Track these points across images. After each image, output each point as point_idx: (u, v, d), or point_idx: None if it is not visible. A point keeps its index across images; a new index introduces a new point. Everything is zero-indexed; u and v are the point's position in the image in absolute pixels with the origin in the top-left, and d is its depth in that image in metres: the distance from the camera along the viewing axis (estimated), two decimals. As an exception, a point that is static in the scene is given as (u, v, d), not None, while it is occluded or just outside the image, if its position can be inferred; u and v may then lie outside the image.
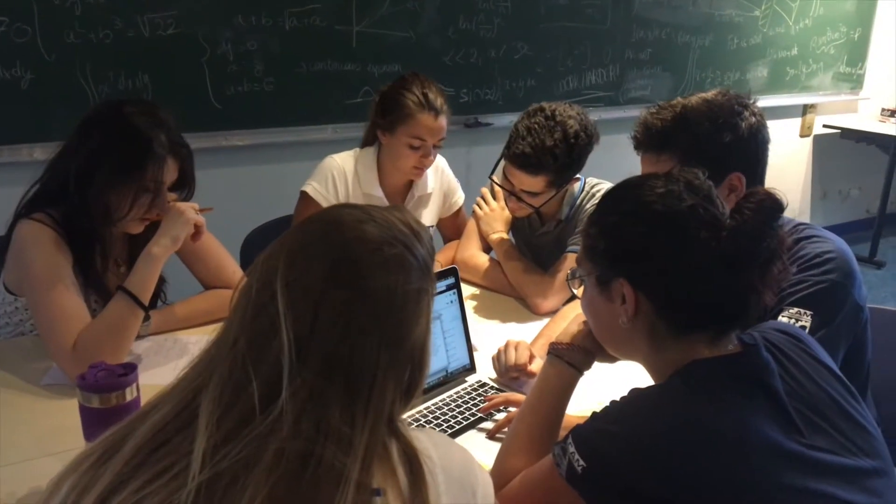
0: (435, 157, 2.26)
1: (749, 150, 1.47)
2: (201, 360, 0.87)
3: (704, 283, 1.02)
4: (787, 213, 1.08)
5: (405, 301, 0.85)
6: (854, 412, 1.07)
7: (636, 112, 4.28)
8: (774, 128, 5.62)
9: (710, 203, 1.05)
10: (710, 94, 1.50)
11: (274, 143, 3.11)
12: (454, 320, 1.69)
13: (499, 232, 2.24)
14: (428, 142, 2.17)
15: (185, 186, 1.76)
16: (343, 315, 0.81)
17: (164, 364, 1.63)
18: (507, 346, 1.69)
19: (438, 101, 2.15)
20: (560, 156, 1.94)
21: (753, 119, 1.47)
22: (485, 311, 2.09)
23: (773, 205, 1.03)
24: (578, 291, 1.18)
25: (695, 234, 1.02)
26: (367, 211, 0.89)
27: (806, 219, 5.36)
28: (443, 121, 2.17)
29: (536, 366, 1.63)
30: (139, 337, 1.74)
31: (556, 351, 1.25)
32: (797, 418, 1.02)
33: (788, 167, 5.18)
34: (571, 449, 1.01)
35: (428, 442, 0.88)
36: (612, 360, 1.26)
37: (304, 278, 0.82)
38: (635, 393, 1.04)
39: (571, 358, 1.24)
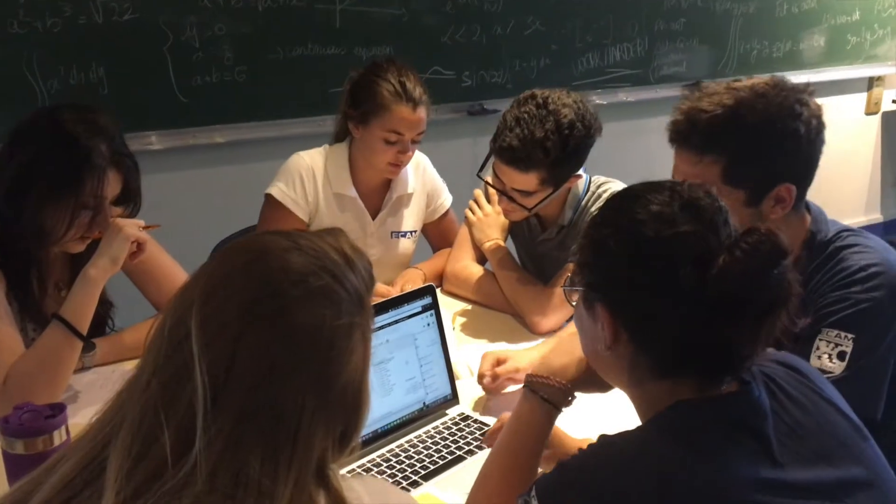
0: (413, 153, 2.29)
1: (805, 158, 1.46)
2: (112, 405, 0.90)
3: (686, 327, 1.03)
4: (849, 207, 1.07)
5: (334, 338, 0.87)
6: (860, 453, 1.08)
7: (669, 93, 4.26)
8: (835, 105, 5.57)
9: (713, 231, 1.03)
10: (760, 84, 1.46)
11: (247, 139, 3.16)
12: (432, 345, 1.72)
13: (493, 239, 2.27)
14: (405, 136, 2.20)
15: (129, 201, 1.81)
16: (264, 356, 0.84)
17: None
18: (482, 357, 1.75)
19: (417, 91, 2.18)
20: (552, 149, 1.96)
21: (814, 121, 1.45)
22: (476, 329, 2.12)
23: (773, 249, 1.01)
24: (573, 299, 1.20)
25: (677, 269, 1.01)
26: (295, 238, 0.92)
27: (875, 212, 5.31)
28: (422, 112, 2.20)
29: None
30: (83, 369, 1.80)
31: (532, 385, 1.27)
32: (783, 458, 1.03)
33: (852, 151, 5.13)
34: (534, 503, 1.03)
35: (362, 491, 0.91)
36: (604, 389, 1.28)
37: (221, 314, 0.84)
38: (605, 441, 1.05)
39: (548, 394, 1.26)
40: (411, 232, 2.47)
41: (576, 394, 1.30)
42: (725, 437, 1.02)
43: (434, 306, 1.74)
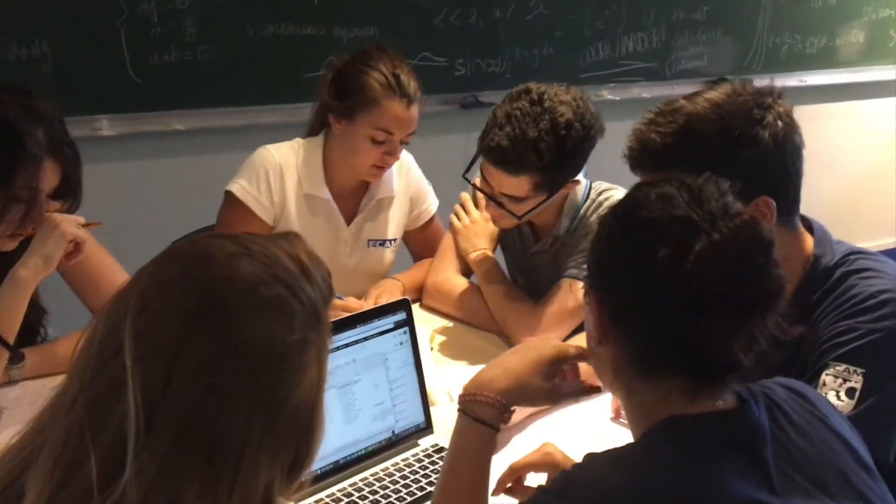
0: (399, 155, 2.30)
1: (776, 167, 1.48)
2: (33, 426, 0.91)
3: (664, 317, 1.07)
4: (881, 226, 1.10)
5: (285, 355, 0.88)
6: (865, 489, 1.11)
7: (688, 89, 4.18)
8: (871, 109, 5.56)
9: (706, 218, 1.07)
10: (719, 94, 1.50)
11: (209, 128, 3.17)
12: (404, 366, 1.73)
13: (480, 249, 2.28)
14: (395, 136, 2.21)
15: (68, 194, 1.81)
16: (205, 373, 0.84)
17: (37, 417, 1.68)
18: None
19: (412, 86, 2.19)
20: (545, 151, 1.97)
21: (779, 123, 1.48)
22: (457, 350, 2.13)
23: (753, 237, 1.05)
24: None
25: (656, 251, 1.05)
26: (245, 242, 0.92)
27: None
28: (415, 110, 2.21)
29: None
30: (9, 382, 1.80)
31: (463, 405, 1.32)
32: (781, 487, 1.05)
33: (883, 162, 5.15)
34: None
35: None
36: (540, 401, 1.37)
37: (158, 327, 0.85)
38: (592, 460, 1.09)
39: (479, 412, 1.30)
40: (391, 240, 2.48)
41: (516, 408, 1.34)
42: (720, 455, 1.05)
43: (408, 322, 1.74)
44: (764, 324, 1.06)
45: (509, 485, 1.43)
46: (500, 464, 1.59)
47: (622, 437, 1.15)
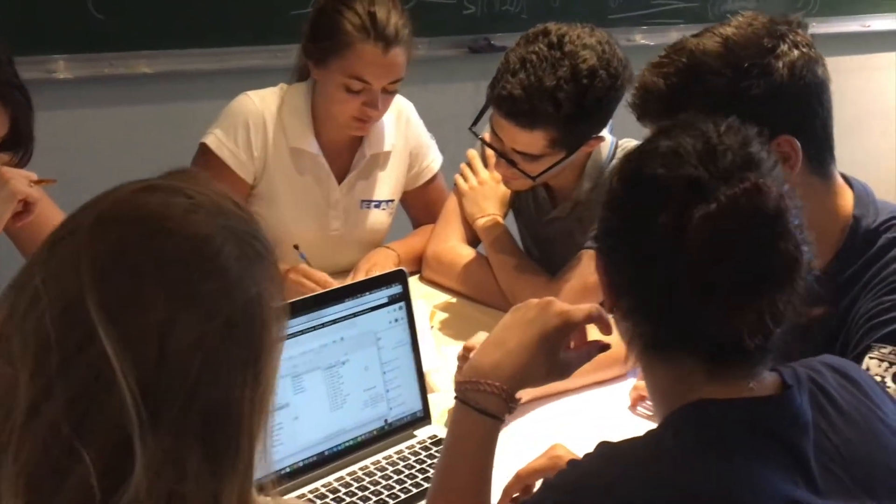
0: (387, 106, 2.30)
1: (795, 101, 1.48)
2: None
3: (662, 292, 1.08)
4: None
5: (265, 319, 0.92)
6: None
7: None
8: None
9: (720, 178, 1.07)
10: (730, 27, 1.51)
11: (182, 71, 3.16)
12: (399, 346, 1.74)
13: (489, 214, 2.29)
14: (372, 85, 2.21)
15: (18, 146, 1.82)
16: (200, 347, 0.87)
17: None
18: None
19: (392, 25, 2.18)
20: (564, 102, 1.96)
21: (796, 52, 1.48)
22: (461, 328, 2.14)
23: (751, 207, 1.05)
24: None
25: (656, 216, 1.07)
26: (180, 190, 0.94)
27: None
28: (397, 55, 2.20)
29: None
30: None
31: (462, 393, 1.32)
32: (824, 486, 1.06)
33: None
34: None
35: None
36: (547, 380, 1.36)
37: (135, 302, 0.86)
38: (605, 450, 1.10)
39: (482, 402, 1.30)
40: (387, 202, 2.48)
41: (520, 397, 1.35)
42: (750, 446, 1.06)
43: (405, 297, 1.75)
44: (775, 304, 1.06)
45: (516, 494, 1.44)
46: (502, 463, 1.61)
47: (642, 429, 1.16)
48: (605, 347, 1.37)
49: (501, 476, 1.48)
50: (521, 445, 1.64)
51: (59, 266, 0.88)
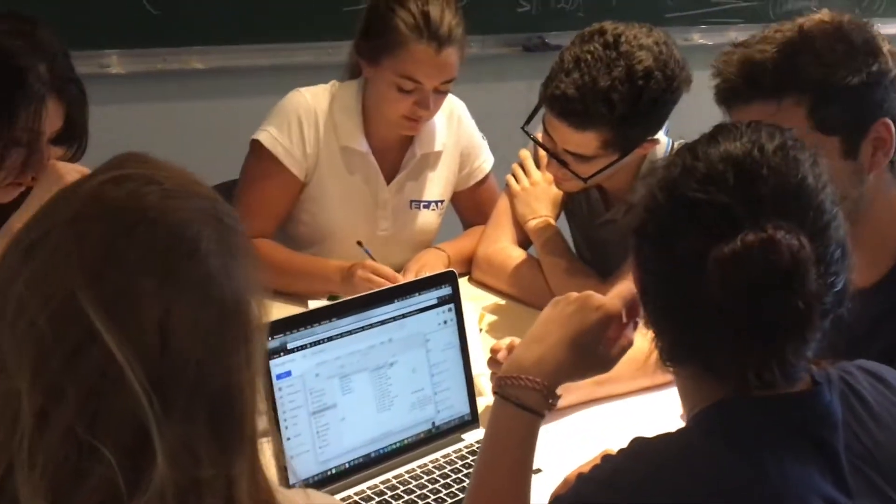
0: (438, 106, 2.30)
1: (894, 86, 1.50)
2: None
3: (685, 307, 1.10)
4: None
5: (249, 290, 0.94)
6: None
7: None
8: None
9: (749, 213, 1.06)
10: (827, 15, 1.53)
11: (235, 67, 3.19)
12: (448, 349, 1.74)
13: (541, 216, 2.28)
14: (424, 85, 2.21)
15: (73, 139, 1.84)
16: (198, 332, 0.88)
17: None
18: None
19: (445, 25, 2.18)
20: (619, 104, 1.95)
21: (888, 45, 1.51)
22: (510, 331, 2.08)
23: (767, 258, 1.03)
24: None
25: (681, 237, 1.08)
26: (149, 178, 0.94)
27: None
28: (450, 55, 2.20)
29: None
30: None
31: (502, 389, 1.33)
32: (855, 487, 1.07)
33: None
34: None
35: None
36: (590, 373, 1.39)
37: (130, 296, 0.87)
38: (638, 446, 1.12)
39: (522, 398, 1.31)
40: (437, 202, 2.49)
41: (560, 394, 1.34)
42: (780, 442, 1.07)
43: (454, 299, 1.75)
44: (783, 352, 1.07)
45: None
46: (550, 467, 1.60)
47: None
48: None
49: (551, 481, 1.48)
50: (571, 450, 1.64)
51: (44, 269, 0.88)
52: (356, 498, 1.58)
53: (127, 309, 0.87)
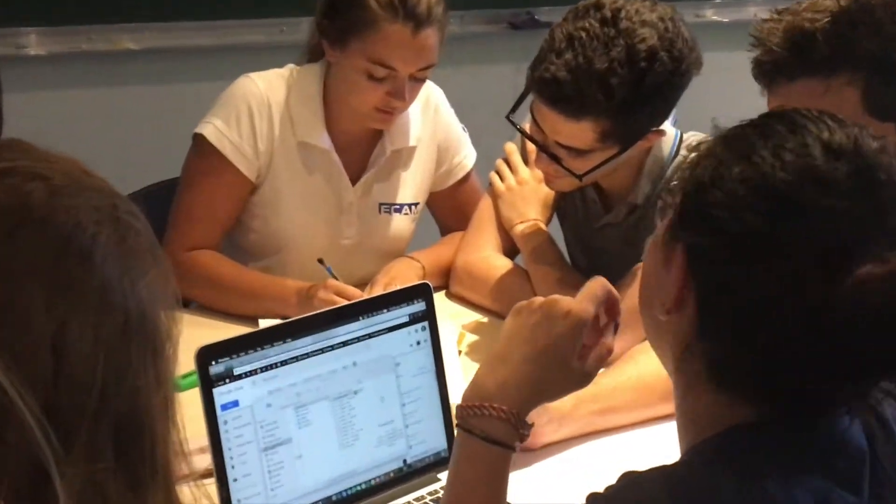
0: (415, 96, 2.31)
1: None
2: None
3: (775, 324, 1.08)
4: None
5: (156, 301, 0.94)
6: None
7: None
8: None
9: (878, 222, 1.07)
10: None
11: (173, 48, 3.19)
12: (422, 374, 1.75)
13: (529, 220, 2.30)
14: (399, 71, 2.21)
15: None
16: (97, 348, 0.88)
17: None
18: None
19: (423, 2, 2.18)
20: (618, 89, 1.96)
21: None
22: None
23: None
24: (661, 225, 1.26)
25: (803, 255, 1.06)
26: (32, 171, 0.93)
27: None
28: (428, 37, 2.21)
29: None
30: None
31: (464, 420, 1.34)
32: None
33: None
34: None
35: None
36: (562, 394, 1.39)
37: (15, 313, 0.86)
38: (628, 481, 1.12)
39: (487, 429, 1.31)
40: (410, 205, 2.50)
41: (530, 421, 1.34)
42: (793, 470, 1.07)
43: (429, 316, 1.76)
44: (870, 387, 1.11)
45: None
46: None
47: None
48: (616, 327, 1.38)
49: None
50: (563, 488, 1.66)
51: None
52: (315, 548, 1.60)
53: (12, 327, 0.85)
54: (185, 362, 1.48)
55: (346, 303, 2.08)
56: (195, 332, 2.01)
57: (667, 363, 1.22)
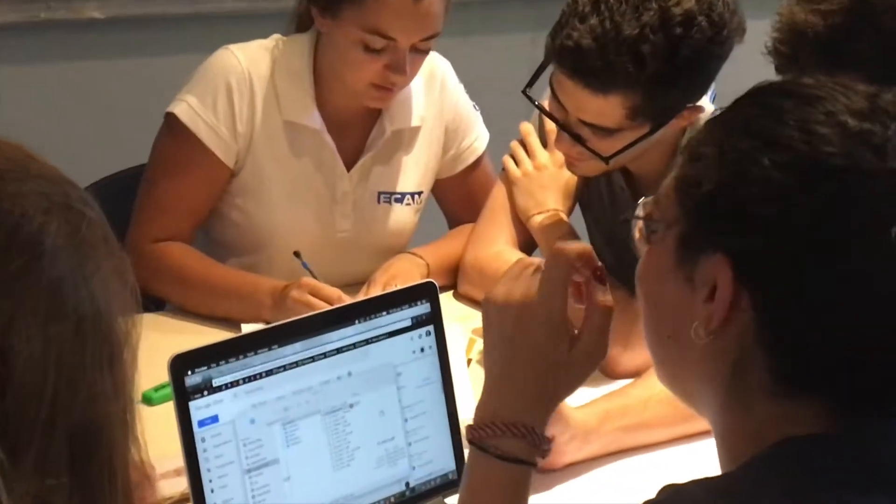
0: (416, 70, 2.31)
1: None
2: None
3: (871, 318, 1.09)
4: None
5: (112, 301, 0.95)
6: None
7: None
8: None
9: None
10: None
11: (146, 16, 3.20)
12: (427, 385, 1.74)
13: (547, 212, 2.30)
14: (399, 42, 2.21)
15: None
16: (48, 352, 0.88)
17: None
18: None
19: None
20: (651, 58, 1.96)
21: None
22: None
23: None
24: (643, 250, 1.25)
25: (876, 229, 1.07)
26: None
27: None
28: (433, 3, 2.21)
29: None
30: None
31: (477, 439, 1.34)
32: None
33: None
34: None
35: None
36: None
37: None
38: (669, 495, 1.12)
39: (504, 448, 1.31)
40: (414, 194, 2.51)
41: (550, 435, 1.34)
42: (853, 484, 1.07)
43: (435, 319, 1.75)
44: None
45: None
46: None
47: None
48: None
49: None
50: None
51: None
52: (306, 583, 1.59)
53: None
54: (159, 372, 1.50)
55: (321, 304, 2.08)
56: (170, 338, 2.06)
57: (699, 394, 1.21)
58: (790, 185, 1.10)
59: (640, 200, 1.28)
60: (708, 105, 2.17)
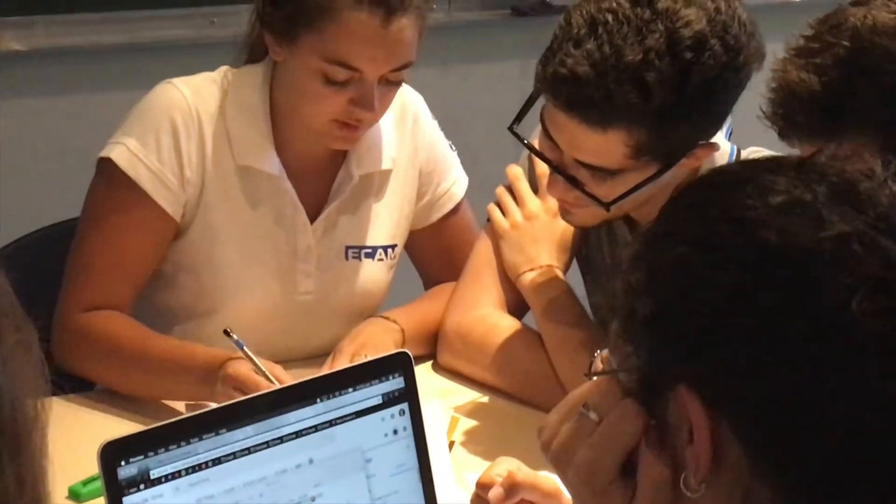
0: (387, 105, 2.32)
1: None
2: None
3: (867, 409, 1.07)
4: None
5: (16, 383, 0.95)
6: None
7: None
8: None
9: (890, 233, 1.09)
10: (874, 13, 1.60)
11: (78, 47, 3.21)
12: (401, 473, 1.74)
13: (539, 268, 2.31)
14: (365, 73, 2.22)
15: None
16: None
17: None
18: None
19: None
20: (657, 88, 1.96)
21: None
22: (493, 445, 2.11)
23: None
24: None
25: (835, 305, 1.06)
26: None
27: None
28: (404, 28, 2.22)
29: None
30: None
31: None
32: None
33: None
34: None
35: None
36: None
37: None
38: None
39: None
40: (386, 248, 2.51)
41: None
42: None
43: (409, 396, 1.75)
44: None
45: None
46: None
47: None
48: None
49: None
50: None
51: None
52: None
53: None
54: (88, 463, 1.49)
55: (252, 388, 2.00)
56: (100, 423, 2.05)
57: None
58: (732, 285, 1.09)
59: (596, 353, 1.27)
60: (723, 142, 2.18)
